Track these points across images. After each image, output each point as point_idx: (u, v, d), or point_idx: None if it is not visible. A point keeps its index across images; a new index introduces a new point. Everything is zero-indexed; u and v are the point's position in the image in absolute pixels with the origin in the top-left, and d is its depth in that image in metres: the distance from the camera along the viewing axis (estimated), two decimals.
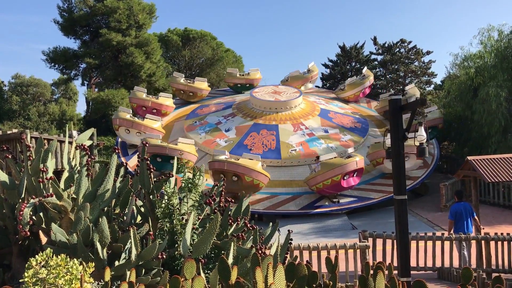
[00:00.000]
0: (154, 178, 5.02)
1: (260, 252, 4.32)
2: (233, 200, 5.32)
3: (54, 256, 3.04)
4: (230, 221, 4.83)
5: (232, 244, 4.21)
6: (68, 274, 2.88)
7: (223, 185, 5.69)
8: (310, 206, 17.56)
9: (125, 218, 4.99)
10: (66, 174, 4.99)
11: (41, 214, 4.69)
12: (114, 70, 33.95)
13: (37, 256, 2.99)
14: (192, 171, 5.15)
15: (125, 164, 5.61)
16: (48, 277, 2.79)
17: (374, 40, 38.33)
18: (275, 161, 19.47)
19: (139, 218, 5.11)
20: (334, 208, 17.45)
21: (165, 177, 5.13)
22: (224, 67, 39.27)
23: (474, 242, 10.14)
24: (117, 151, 5.19)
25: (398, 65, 36.71)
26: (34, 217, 4.60)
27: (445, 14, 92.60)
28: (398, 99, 6.70)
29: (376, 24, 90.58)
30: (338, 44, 44.37)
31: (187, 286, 2.92)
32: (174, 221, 4.67)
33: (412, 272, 7.38)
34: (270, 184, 17.83)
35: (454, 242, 10.01)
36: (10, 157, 5.06)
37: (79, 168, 4.91)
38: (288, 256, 5.08)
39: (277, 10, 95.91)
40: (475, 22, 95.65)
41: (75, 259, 3.14)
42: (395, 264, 8.36)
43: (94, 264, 3.47)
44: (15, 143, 10.51)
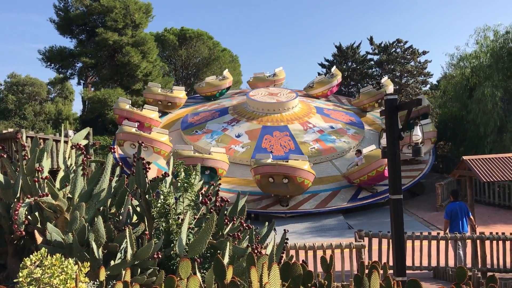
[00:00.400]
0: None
1: (256, 251, 4.33)
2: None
3: (49, 255, 3.04)
4: (226, 220, 4.83)
5: (228, 243, 4.21)
6: (63, 273, 2.88)
7: (219, 184, 5.70)
8: (355, 198, 18.00)
9: (121, 217, 4.98)
10: (61, 174, 4.98)
11: (36, 213, 4.67)
12: (110, 69, 33.85)
13: (31, 256, 2.98)
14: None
15: (120, 164, 5.61)
16: (42, 276, 2.79)
17: (371, 40, 38.45)
18: None
19: (135, 217, 5.10)
20: (379, 197, 18.01)
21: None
22: (221, 67, 39.25)
23: (469, 242, 10.18)
24: (113, 151, 5.18)
25: (394, 65, 36.86)
26: (29, 216, 4.59)
27: (441, 14, 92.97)
28: (394, 99, 6.72)
29: (372, 24, 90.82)
30: (335, 43, 44.55)
31: (182, 286, 2.93)
32: (170, 220, 4.68)
33: (407, 271, 7.41)
34: None
35: (449, 241, 10.06)
36: (6, 156, 5.05)
37: (75, 167, 4.90)
38: (284, 255, 5.09)
39: (273, 10, 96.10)
40: (471, 22, 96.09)
41: (70, 259, 3.14)
42: (391, 263, 8.41)
43: (89, 263, 3.46)
44: (11, 143, 10.45)
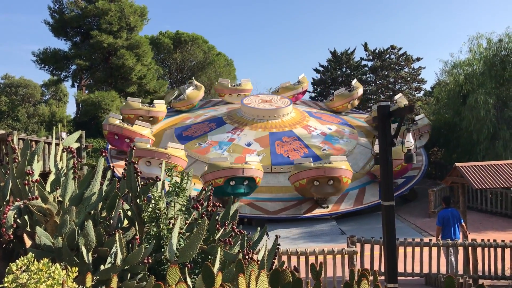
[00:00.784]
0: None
1: (247, 257, 4.30)
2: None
3: (35, 260, 3.00)
4: (218, 225, 4.81)
5: (219, 249, 4.19)
6: (49, 279, 2.85)
7: (211, 189, 5.67)
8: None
9: (111, 221, 4.94)
10: (52, 177, 4.94)
11: (26, 217, 4.63)
12: (104, 72, 33.79)
13: (17, 260, 2.95)
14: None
15: (112, 167, 5.57)
16: (28, 282, 2.76)
17: (365, 46, 38.63)
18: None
19: (126, 222, 5.07)
20: (402, 190, 19.06)
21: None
22: (215, 70, 39.25)
23: (461, 248, 10.21)
24: (104, 154, 5.15)
25: (388, 71, 37.06)
26: (18, 220, 4.54)
27: (435, 21, 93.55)
28: (386, 105, 6.74)
29: (367, 30, 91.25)
30: (329, 49, 44.77)
31: None
32: (160, 225, 4.65)
33: (399, 278, 7.41)
34: None
35: (441, 248, 10.08)
36: None
37: (66, 170, 4.86)
38: (276, 261, 5.07)
39: (268, 16, 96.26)
40: (465, 29, 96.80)
41: (58, 264, 3.10)
42: (383, 269, 8.40)
43: (78, 268, 3.43)
44: (1, 145, 10.37)
